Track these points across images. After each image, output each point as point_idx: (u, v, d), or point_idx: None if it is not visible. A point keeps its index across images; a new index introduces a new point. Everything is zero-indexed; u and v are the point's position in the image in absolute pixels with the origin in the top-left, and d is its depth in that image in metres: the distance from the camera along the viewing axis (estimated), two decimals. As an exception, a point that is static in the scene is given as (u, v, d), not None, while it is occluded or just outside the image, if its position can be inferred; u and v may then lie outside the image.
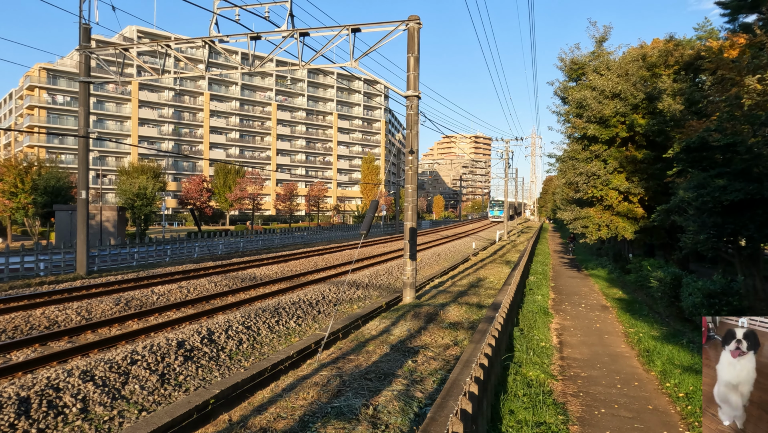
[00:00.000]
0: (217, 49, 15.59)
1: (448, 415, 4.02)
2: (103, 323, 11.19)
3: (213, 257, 26.35)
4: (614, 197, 20.35)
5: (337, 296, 14.25)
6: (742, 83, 12.23)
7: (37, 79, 71.33)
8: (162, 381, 7.64)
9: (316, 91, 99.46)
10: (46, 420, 6.13)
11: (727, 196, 11.85)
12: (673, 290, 13.90)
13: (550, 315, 14.05)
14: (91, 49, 17.88)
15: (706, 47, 18.23)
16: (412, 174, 14.07)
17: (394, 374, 7.20)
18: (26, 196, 37.05)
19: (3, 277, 17.20)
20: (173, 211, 75.69)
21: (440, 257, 27.65)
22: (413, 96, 13.79)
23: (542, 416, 6.36)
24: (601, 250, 33.18)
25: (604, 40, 22.66)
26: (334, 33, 14.44)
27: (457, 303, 12.97)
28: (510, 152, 48.41)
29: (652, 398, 7.82)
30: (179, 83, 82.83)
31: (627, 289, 19.55)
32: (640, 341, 11.26)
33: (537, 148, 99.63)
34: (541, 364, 8.90)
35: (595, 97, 20.08)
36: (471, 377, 4.95)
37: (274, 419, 5.78)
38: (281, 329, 11.02)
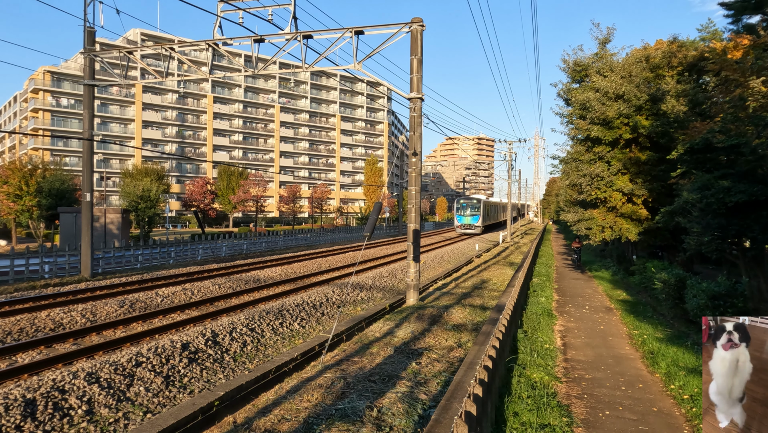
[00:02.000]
0: (221, 51, 15.65)
1: (453, 417, 4.03)
2: (107, 325, 11.23)
3: (216, 259, 26.40)
4: (618, 199, 20.32)
5: (340, 298, 14.26)
6: (746, 85, 12.20)
7: (42, 82, 71.67)
8: (167, 383, 7.66)
9: (319, 93, 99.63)
10: (52, 422, 6.16)
11: (731, 198, 11.82)
12: (677, 292, 13.86)
13: (554, 317, 14.03)
14: (95, 52, 17.97)
15: (709, 48, 18.20)
16: (415, 176, 14.08)
17: (398, 376, 7.20)
18: (31, 199, 37.23)
19: (8, 279, 17.27)
20: (177, 214, 75.88)
21: (443, 258, 27.63)
22: (416, 98, 13.80)
23: (546, 418, 6.36)
24: (604, 251, 33.10)
25: (607, 41, 22.65)
26: (338, 35, 14.48)
27: (461, 305, 12.97)
28: (513, 154, 48.38)
29: (657, 400, 7.80)
30: (183, 86, 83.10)
31: (631, 291, 19.50)
32: (644, 343, 11.23)
33: (540, 149, 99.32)
34: (545, 366, 8.89)
35: (599, 99, 20.06)
36: (475, 379, 4.95)
37: (278, 421, 5.80)
38: (285, 331, 11.03)
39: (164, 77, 16.75)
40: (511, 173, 48.75)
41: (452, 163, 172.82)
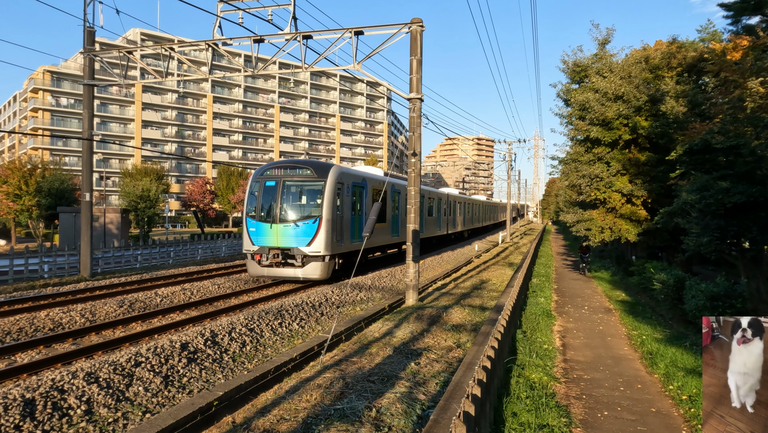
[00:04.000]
0: (221, 51, 15.65)
1: (451, 417, 4.03)
2: (107, 324, 11.23)
3: (216, 259, 26.40)
4: (617, 200, 20.34)
5: (339, 298, 14.26)
6: (745, 86, 12.22)
7: (41, 82, 71.66)
8: (166, 383, 7.66)
9: (318, 93, 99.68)
10: (51, 422, 6.16)
11: (730, 199, 11.85)
12: (676, 293, 13.88)
13: (553, 317, 14.04)
14: (95, 52, 17.97)
15: (709, 49, 18.22)
16: (414, 176, 14.08)
17: (397, 376, 7.21)
18: (30, 199, 37.23)
19: (7, 279, 17.27)
20: (176, 214, 75.87)
21: (443, 259, 27.64)
22: (416, 98, 13.81)
23: (545, 419, 6.37)
24: (604, 252, 33.14)
25: (607, 42, 22.68)
26: (337, 36, 14.49)
27: (460, 305, 12.97)
28: (513, 154, 48.42)
29: (656, 401, 7.81)
30: (182, 86, 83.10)
31: (630, 291, 19.51)
32: (643, 344, 11.24)
33: (540, 150, 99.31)
34: (544, 366, 8.90)
35: (598, 100, 20.08)
36: (474, 379, 4.96)
37: (277, 421, 5.80)
38: (284, 331, 11.03)
39: (164, 77, 16.75)
40: (510, 174, 48.79)
41: (452, 163, 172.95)
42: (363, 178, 18.83)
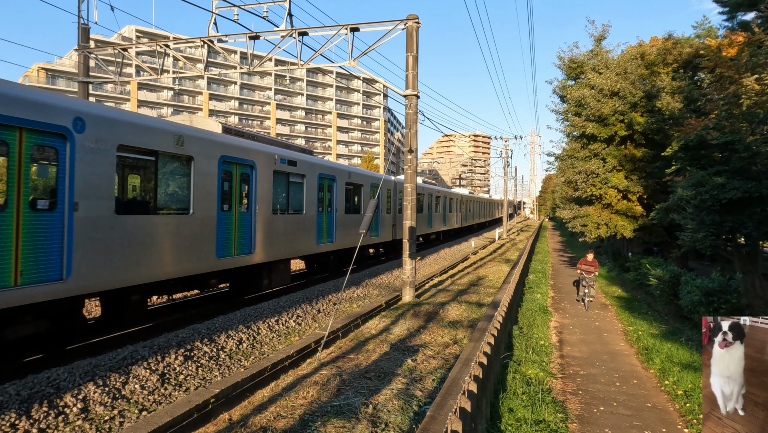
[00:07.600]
0: (216, 48, 15.59)
1: (447, 413, 4.04)
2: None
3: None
4: (613, 196, 20.39)
5: (336, 295, 14.25)
6: (740, 82, 12.25)
7: (36, 80, 71.23)
8: (162, 381, 7.65)
9: (315, 90, 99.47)
10: (47, 420, 6.14)
11: (725, 194, 11.89)
12: (671, 288, 13.93)
13: (550, 313, 14.08)
14: (89, 49, 17.87)
15: (704, 45, 18.25)
16: (411, 173, 14.08)
17: (394, 372, 7.22)
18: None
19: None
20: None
21: (440, 255, 27.66)
22: (412, 95, 13.80)
23: (541, 414, 6.39)
24: (600, 248, 33.23)
25: (603, 38, 22.70)
26: (333, 32, 14.44)
27: (457, 302, 12.99)
28: (509, 151, 48.45)
29: (651, 396, 7.84)
30: (178, 83, 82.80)
31: (626, 287, 19.58)
32: (639, 339, 11.29)
33: (536, 146, 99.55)
34: (541, 362, 8.92)
35: (594, 96, 20.10)
36: (470, 375, 4.97)
37: (274, 418, 5.81)
38: (281, 328, 11.02)
39: (159, 74, 16.67)
40: (507, 170, 48.82)
41: (449, 160, 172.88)
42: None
